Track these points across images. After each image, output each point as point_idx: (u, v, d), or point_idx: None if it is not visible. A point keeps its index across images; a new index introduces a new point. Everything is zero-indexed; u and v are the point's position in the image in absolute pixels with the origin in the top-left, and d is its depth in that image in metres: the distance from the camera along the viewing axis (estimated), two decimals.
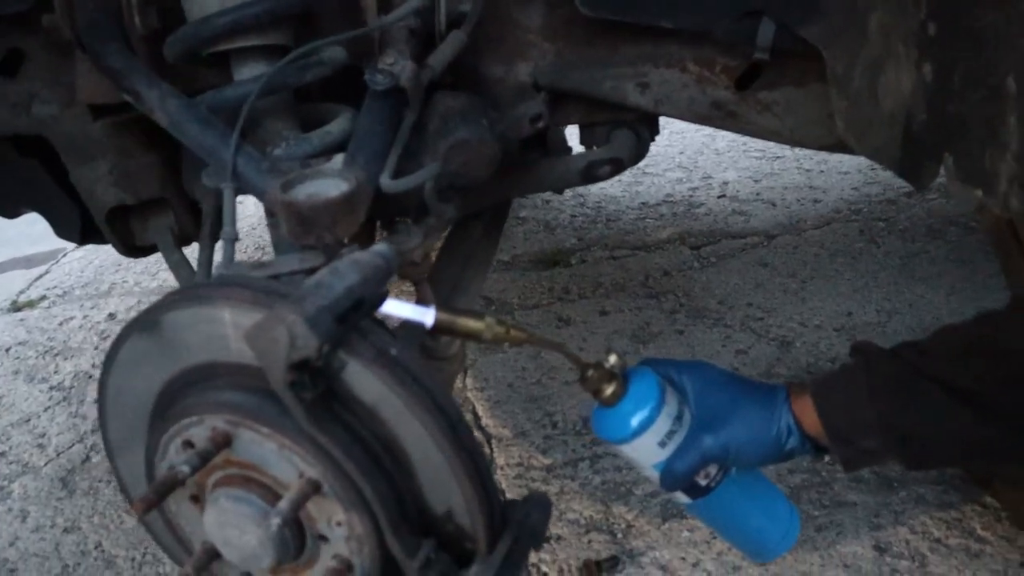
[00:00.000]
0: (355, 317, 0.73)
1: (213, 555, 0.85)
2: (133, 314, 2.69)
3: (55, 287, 3.08)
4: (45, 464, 1.95)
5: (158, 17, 1.05)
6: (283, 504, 0.73)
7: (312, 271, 0.83)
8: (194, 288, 0.80)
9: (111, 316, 2.74)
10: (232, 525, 0.78)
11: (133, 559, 1.59)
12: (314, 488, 0.75)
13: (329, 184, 0.88)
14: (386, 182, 0.95)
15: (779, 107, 1.20)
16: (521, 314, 2.35)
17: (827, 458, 0.96)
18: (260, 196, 0.92)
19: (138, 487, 0.94)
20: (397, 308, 0.84)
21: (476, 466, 0.75)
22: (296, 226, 0.86)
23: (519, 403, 1.90)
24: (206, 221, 1.27)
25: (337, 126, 1.02)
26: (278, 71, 0.94)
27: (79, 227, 1.42)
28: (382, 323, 0.78)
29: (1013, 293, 1.08)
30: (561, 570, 1.36)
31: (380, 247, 0.80)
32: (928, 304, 2.12)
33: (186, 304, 0.78)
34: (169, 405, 0.83)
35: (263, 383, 0.75)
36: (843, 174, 3.02)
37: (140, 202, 1.31)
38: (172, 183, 1.30)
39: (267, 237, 2.62)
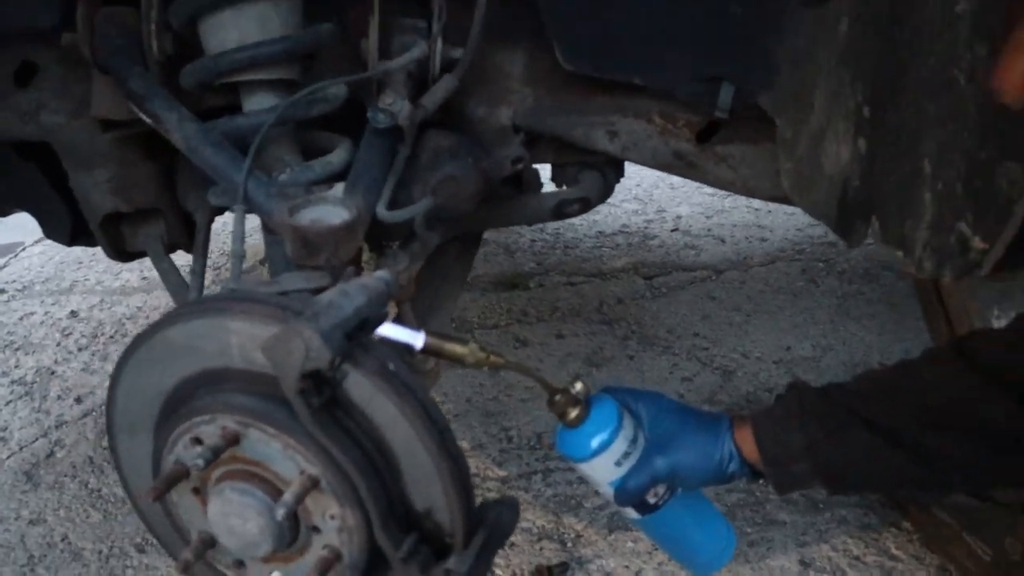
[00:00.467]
0: (361, 335, 0.83)
1: (210, 543, 0.94)
2: (96, 312, 2.73)
3: (14, 281, 3.08)
4: (8, 457, 1.98)
5: (173, 44, 1.14)
6: (287, 496, 0.83)
7: (318, 290, 0.93)
8: (214, 300, 0.89)
9: (73, 314, 2.76)
10: (236, 515, 0.87)
11: (100, 552, 1.64)
12: (313, 484, 0.85)
13: (331, 211, 0.98)
14: (383, 212, 1.05)
15: (734, 160, 1.33)
16: (481, 333, 2.45)
17: (762, 481, 1.07)
18: (268, 218, 1.01)
19: (136, 477, 1.02)
20: (392, 331, 0.93)
21: (459, 470, 0.85)
22: (301, 248, 0.96)
23: (476, 417, 2.00)
24: (200, 232, 1.36)
25: (337, 156, 1.12)
26: (290, 105, 1.03)
27: (69, 229, 1.48)
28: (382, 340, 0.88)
29: (929, 347, 1.22)
30: (514, 574, 1.47)
31: (382, 273, 0.90)
32: (860, 342, 2.28)
33: (206, 314, 0.87)
34: (180, 404, 0.92)
35: (272, 389, 0.84)
36: (789, 215, 3.19)
37: (134, 210, 1.38)
38: (167, 194, 1.38)
39: (229, 244, 2.68)
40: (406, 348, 0.96)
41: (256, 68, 1.05)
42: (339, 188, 1.07)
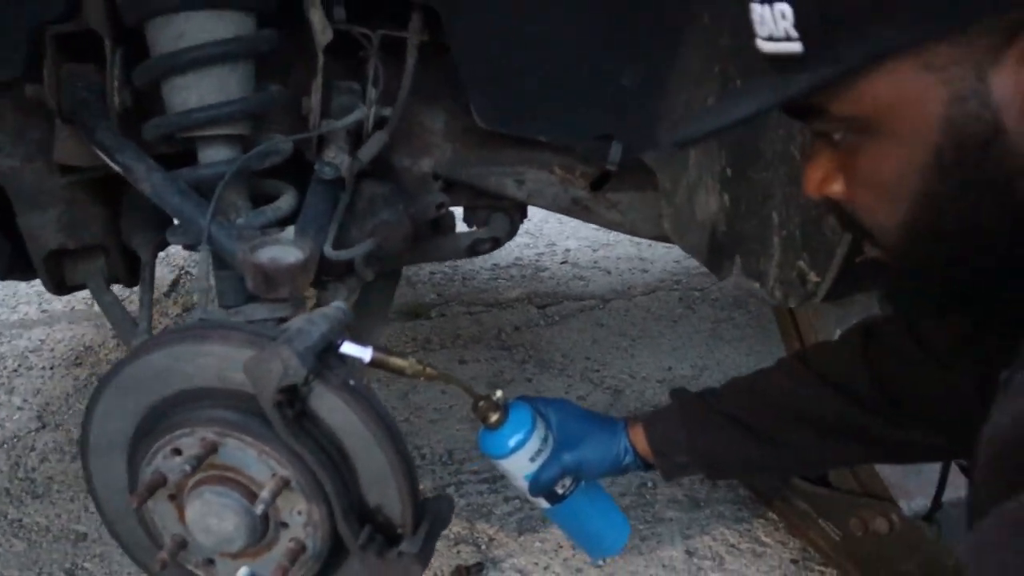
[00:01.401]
0: (326, 355, 0.99)
1: (182, 545, 1.07)
2: None
3: None
4: None
5: (131, 98, 1.27)
6: (265, 494, 0.97)
7: (282, 319, 1.08)
8: (192, 328, 1.03)
9: None
10: (214, 515, 1.00)
11: None
12: (285, 484, 0.99)
13: (287, 251, 1.14)
14: (330, 251, 1.21)
15: (623, 205, 1.55)
16: None
17: (651, 473, 1.27)
18: (230, 256, 1.15)
19: (107, 492, 1.13)
20: (346, 347, 1.09)
21: (410, 469, 1.02)
22: (262, 283, 1.12)
23: None
24: (145, 268, 1.47)
25: (285, 202, 1.27)
26: (248, 158, 1.18)
27: (7, 263, 1.55)
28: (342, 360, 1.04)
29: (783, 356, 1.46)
30: (436, 575, 1.62)
31: (338, 303, 1.06)
32: (732, 362, 2.56)
33: (187, 340, 1.00)
34: (156, 422, 1.04)
35: (246, 404, 0.99)
36: (668, 249, 3.47)
37: (79, 247, 1.48)
38: (111, 233, 1.49)
39: None
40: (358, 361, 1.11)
41: (216, 125, 1.20)
42: (290, 231, 1.22)
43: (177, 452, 1.02)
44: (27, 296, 3.09)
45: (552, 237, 3.65)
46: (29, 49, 1.20)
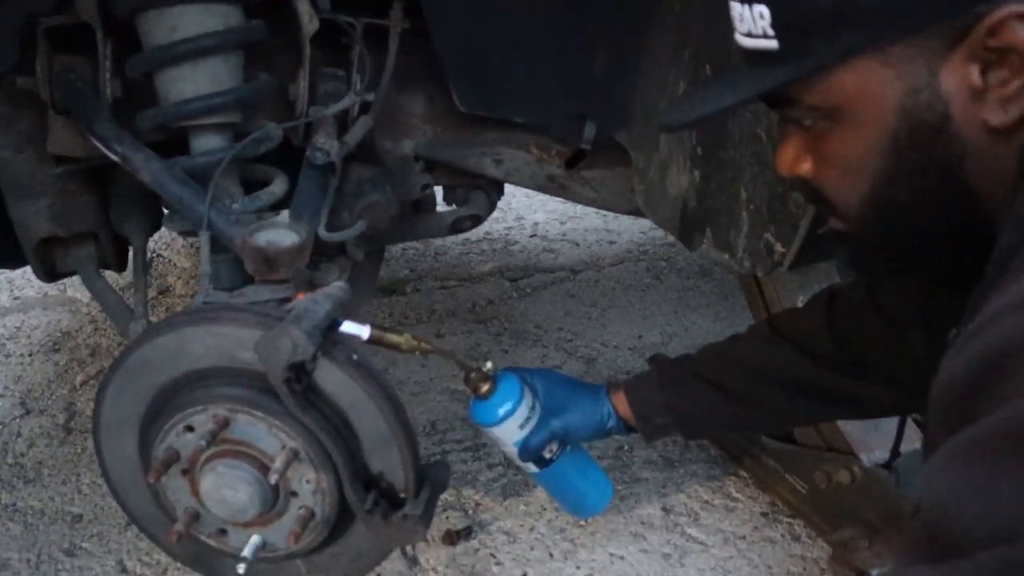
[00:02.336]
0: (331, 333, 1.05)
1: (196, 517, 1.13)
2: None
3: None
4: None
5: (121, 89, 1.30)
6: (278, 464, 1.03)
7: (284, 300, 1.13)
8: (202, 311, 1.08)
9: None
10: (228, 487, 1.06)
11: (28, 560, 1.73)
12: (295, 455, 1.06)
13: (284, 234, 1.19)
14: (324, 233, 1.27)
15: (596, 182, 1.63)
16: None
17: (632, 435, 1.36)
18: (229, 240, 1.20)
19: (119, 469, 1.18)
20: (345, 325, 1.15)
21: (411, 437, 1.09)
22: (262, 265, 1.17)
23: None
24: (137, 255, 1.51)
25: (278, 187, 1.32)
26: (244, 145, 1.23)
27: None
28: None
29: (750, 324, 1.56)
30: (428, 540, 1.70)
31: (340, 284, 1.12)
32: (699, 329, 2.66)
33: (197, 322, 1.06)
34: (167, 401, 1.10)
35: (255, 382, 1.05)
36: (633, 220, 3.58)
37: (70, 235, 1.51)
38: (102, 220, 1.52)
39: None
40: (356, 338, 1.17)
41: (210, 114, 1.24)
42: (285, 214, 1.27)
43: (190, 429, 1.08)
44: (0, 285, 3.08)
45: (520, 211, 3.71)
46: (21, 42, 1.22)
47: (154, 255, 3.31)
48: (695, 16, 1.21)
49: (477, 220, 1.68)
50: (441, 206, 1.75)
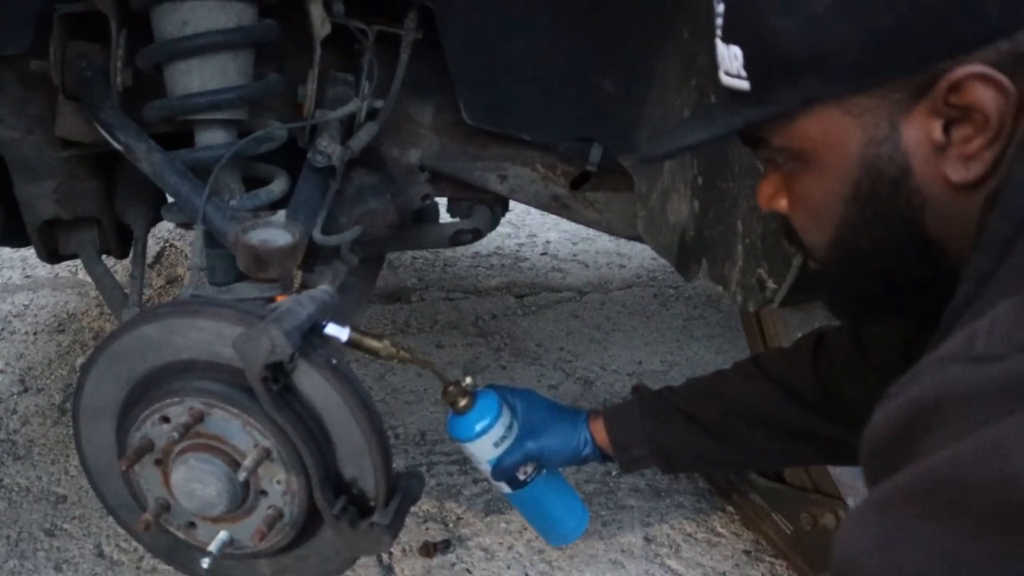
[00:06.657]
0: (311, 335, 1.05)
1: (166, 508, 1.13)
2: None
3: None
4: None
5: (132, 78, 1.32)
6: (248, 462, 1.03)
7: (270, 299, 1.14)
8: (188, 303, 1.08)
9: None
10: (197, 480, 1.06)
11: (8, 537, 1.73)
12: (267, 454, 1.06)
13: (277, 233, 1.20)
14: (319, 236, 1.27)
15: (600, 204, 1.62)
16: None
17: (610, 464, 1.35)
18: (223, 236, 1.21)
19: (95, 455, 1.19)
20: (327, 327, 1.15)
21: (385, 446, 1.09)
22: (252, 264, 1.17)
23: None
24: (138, 242, 1.52)
25: (278, 186, 1.33)
26: (246, 143, 1.24)
27: (1, 231, 1.60)
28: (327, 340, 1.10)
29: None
30: (404, 550, 1.69)
31: (326, 287, 1.12)
32: (701, 359, 2.64)
33: (181, 314, 1.06)
34: (147, 391, 1.10)
35: (233, 378, 1.05)
36: (644, 246, 3.56)
37: (73, 218, 1.53)
38: (106, 205, 1.54)
39: None
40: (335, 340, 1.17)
41: (216, 110, 1.25)
42: (281, 214, 1.27)
43: (165, 420, 1.08)
44: (11, 261, 3.11)
45: (533, 228, 3.71)
46: (37, 26, 1.24)
47: (166, 244, 3.34)
48: (703, 46, 1.21)
49: (478, 234, 1.68)
50: (445, 218, 1.75)
